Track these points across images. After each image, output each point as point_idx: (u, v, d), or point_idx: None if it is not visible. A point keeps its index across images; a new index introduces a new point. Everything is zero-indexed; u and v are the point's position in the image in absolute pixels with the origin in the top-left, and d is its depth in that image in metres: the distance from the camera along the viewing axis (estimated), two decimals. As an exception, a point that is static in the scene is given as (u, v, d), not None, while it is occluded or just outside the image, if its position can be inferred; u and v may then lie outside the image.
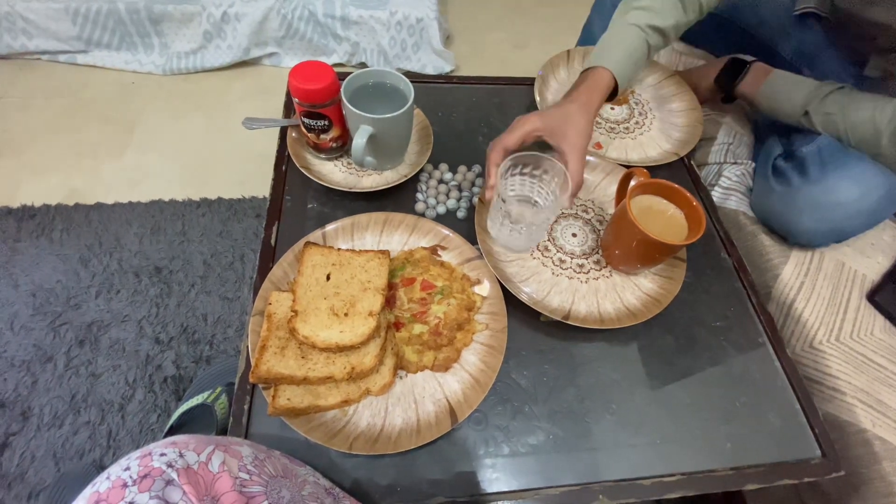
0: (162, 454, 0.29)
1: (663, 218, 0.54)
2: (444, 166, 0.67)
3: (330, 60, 1.45)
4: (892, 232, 0.75)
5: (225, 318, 0.97)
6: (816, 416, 0.52)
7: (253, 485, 0.31)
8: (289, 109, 0.70)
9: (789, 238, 0.71)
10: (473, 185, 0.66)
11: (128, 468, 0.28)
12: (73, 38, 1.36)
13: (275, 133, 0.67)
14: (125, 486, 0.27)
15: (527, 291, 0.55)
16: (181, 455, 0.29)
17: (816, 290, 0.67)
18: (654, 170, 0.68)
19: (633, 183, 0.54)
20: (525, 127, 0.56)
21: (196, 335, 0.95)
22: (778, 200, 0.70)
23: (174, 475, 0.28)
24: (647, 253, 0.54)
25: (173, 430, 0.76)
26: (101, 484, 0.28)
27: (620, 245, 0.56)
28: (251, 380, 0.44)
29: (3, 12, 1.29)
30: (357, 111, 0.53)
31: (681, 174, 0.72)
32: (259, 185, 1.18)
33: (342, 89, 0.55)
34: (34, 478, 0.80)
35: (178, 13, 1.34)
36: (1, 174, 1.16)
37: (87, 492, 0.28)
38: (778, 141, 0.75)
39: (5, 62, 1.39)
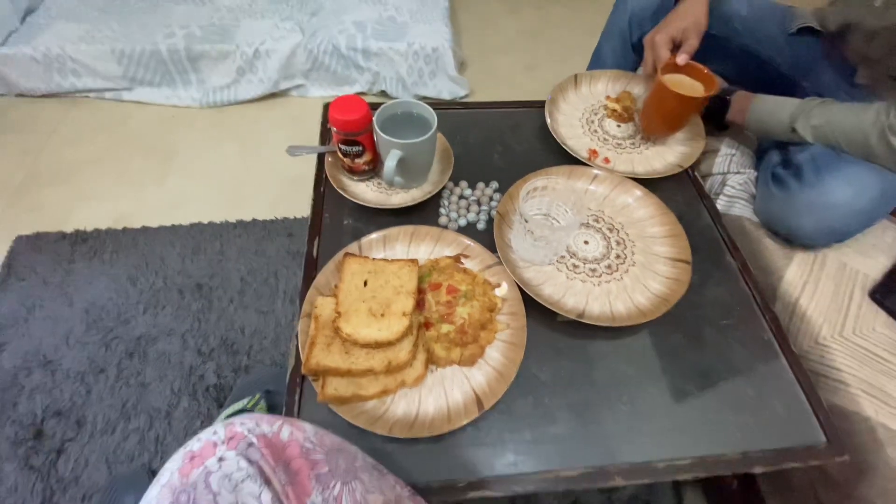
0: (242, 423, 0.34)
1: (687, 87, 0.72)
2: (463, 183, 0.74)
3: (353, 89, 1.54)
4: (894, 234, 0.78)
5: (261, 330, 1.04)
6: (820, 405, 0.55)
7: (316, 454, 0.36)
8: (324, 137, 0.78)
9: (792, 240, 0.75)
10: (491, 199, 0.72)
11: (216, 432, 0.33)
12: (119, 77, 1.48)
13: (303, 159, 0.74)
14: (216, 445, 0.32)
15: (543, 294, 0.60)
16: (257, 424, 0.35)
17: (820, 289, 0.71)
18: (659, 181, 0.73)
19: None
20: (685, 22, 0.75)
21: (235, 346, 1.02)
22: (778, 205, 0.74)
23: (254, 439, 0.33)
24: (678, 110, 0.72)
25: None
26: (192, 444, 0.32)
27: (656, 108, 0.74)
28: (303, 371, 0.50)
29: (55, 54, 1.42)
30: (388, 138, 0.60)
31: (685, 185, 0.76)
32: (290, 206, 1.26)
33: (374, 119, 0.62)
34: (87, 481, 0.85)
35: (215, 52, 1.46)
36: (55, 202, 1.26)
37: (180, 452, 0.32)
38: (776, 150, 0.80)
39: (56, 100, 1.52)
